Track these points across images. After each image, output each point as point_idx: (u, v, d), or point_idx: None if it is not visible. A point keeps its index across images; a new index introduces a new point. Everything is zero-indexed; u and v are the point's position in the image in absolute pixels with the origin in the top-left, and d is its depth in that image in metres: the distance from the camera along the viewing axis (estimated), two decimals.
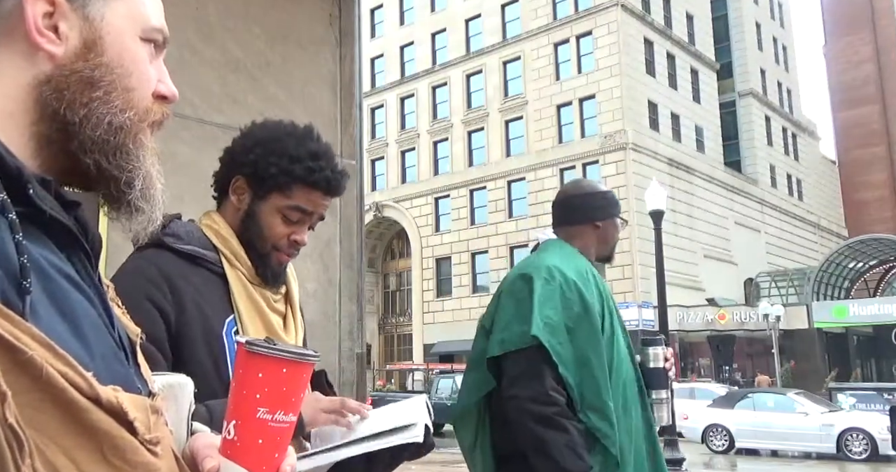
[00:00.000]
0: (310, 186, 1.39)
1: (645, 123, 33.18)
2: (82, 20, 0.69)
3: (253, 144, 1.42)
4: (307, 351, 0.74)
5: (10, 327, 0.52)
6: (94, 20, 0.70)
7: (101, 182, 0.71)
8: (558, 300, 2.08)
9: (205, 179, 1.56)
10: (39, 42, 0.66)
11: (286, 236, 1.42)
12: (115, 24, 0.71)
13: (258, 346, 0.71)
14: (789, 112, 46.39)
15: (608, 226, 2.33)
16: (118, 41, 0.71)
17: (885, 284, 36.66)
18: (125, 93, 0.70)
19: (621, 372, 2.12)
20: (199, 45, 2.49)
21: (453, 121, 37.62)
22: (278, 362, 0.71)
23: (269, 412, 0.71)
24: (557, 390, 2.00)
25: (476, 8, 37.70)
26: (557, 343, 2.03)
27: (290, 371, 0.72)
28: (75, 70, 0.68)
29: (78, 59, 0.68)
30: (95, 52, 0.69)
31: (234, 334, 1.35)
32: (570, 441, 1.94)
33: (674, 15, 37.23)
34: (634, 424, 2.12)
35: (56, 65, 0.67)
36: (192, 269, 1.37)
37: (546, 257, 2.22)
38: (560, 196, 2.41)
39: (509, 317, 2.11)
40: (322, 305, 2.67)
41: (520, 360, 2.04)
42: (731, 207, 37.67)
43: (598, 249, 2.34)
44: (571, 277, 2.12)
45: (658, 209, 12.98)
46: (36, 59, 0.66)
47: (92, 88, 0.68)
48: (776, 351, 27.59)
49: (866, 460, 14.82)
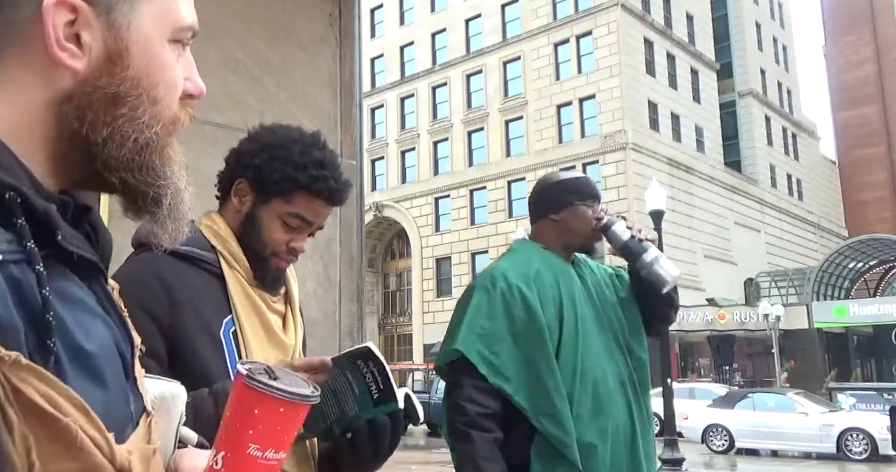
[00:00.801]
0: (312, 194, 1.39)
1: (645, 123, 33.18)
2: (106, 29, 0.61)
3: (259, 149, 1.41)
4: (306, 392, 0.71)
5: (48, 390, 0.50)
6: (120, 28, 0.62)
7: (127, 197, 0.66)
8: (498, 308, 2.04)
9: (204, 179, 1.56)
10: (60, 57, 0.59)
11: (285, 242, 1.41)
12: (141, 30, 0.64)
13: (258, 381, 0.69)
14: (789, 112, 46.39)
15: (567, 216, 2.19)
16: (145, 50, 0.64)
17: (885, 284, 36.67)
18: (152, 106, 0.64)
19: (590, 372, 2.05)
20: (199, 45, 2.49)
21: (453, 121, 37.62)
22: (276, 402, 0.69)
23: (260, 450, 0.69)
24: (474, 400, 1.96)
25: (476, 8, 37.70)
26: (490, 353, 2.00)
27: (287, 411, 0.70)
28: (99, 87, 0.61)
29: (102, 75, 0.61)
30: (121, 66, 0.62)
31: (231, 334, 1.35)
32: (473, 452, 1.91)
33: (674, 15, 37.24)
34: (613, 423, 2.04)
35: (77, 80, 0.61)
36: (190, 269, 1.37)
37: (500, 262, 2.21)
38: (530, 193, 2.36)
39: (449, 330, 2.13)
40: (322, 304, 2.67)
41: (449, 373, 2.08)
42: (731, 207, 37.68)
43: (564, 241, 2.21)
44: (514, 282, 2.06)
45: (658, 209, 12.99)
46: (55, 74, 0.60)
47: (116, 105, 0.62)
48: (776, 351, 27.59)
49: (866, 460, 14.83)
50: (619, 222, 2.18)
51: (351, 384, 1.28)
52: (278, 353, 1.41)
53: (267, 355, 1.38)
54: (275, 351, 1.40)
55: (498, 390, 1.99)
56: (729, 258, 36.63)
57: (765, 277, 36.56)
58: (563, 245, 2.22)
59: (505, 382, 1.99)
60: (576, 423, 1.99)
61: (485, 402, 1.97)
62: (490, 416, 1.97)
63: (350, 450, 1.33)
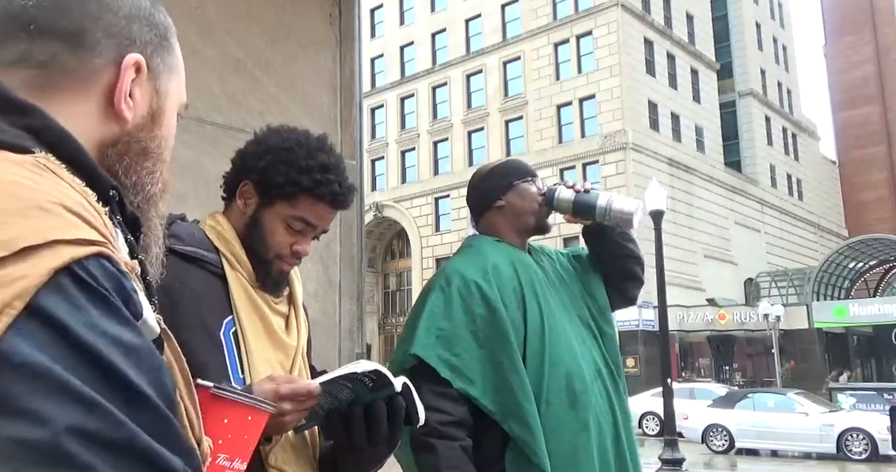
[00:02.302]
0: (316, 198, 1.39)
1: (645, 123, 33.18)
2: (154, 91, 0.72)
3: (264, 151, 1.41)
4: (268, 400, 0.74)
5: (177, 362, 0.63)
6: (163, 94, 0.73)
7: None
8: (456, 307, 1.90)
9: (205, 179, 1.56)
10: (122, 107, 0.68)
11: (288, 245, 1.41)
12: (172, 99, 0.75)
13: (228, 391, 0.70)
14: (789, 112, 46.39)
15: (511, 198, 2.07)
16: (171, 117, 0.75)
17: (885, 284, 36.66)
18: (162, 165, 0.74)
19: (561, 364, 1.91)
20: (199, 45, 2.49)
21: (453, 121, 37.62)
22: (246, 409, 0.70)
23: (229, 459, 0.69)
24: (434, 408, 1.78)
25: (476, 8, 37.70)
26: (452, 355, 1.86)
27: (254, 419, 0.70)
28: (139, 139, 0.70)
29: (143, 129, 0.71)
30: (157, 124, 0.72)
31: (232, 335, 1.35)
32: (436, 463, 1.76)
33: (674, 15, 37.23)
34: (594, 414, 1.91)
35: (124, 130, 0.69)
36: (192, 269, 1.36)
37: (453, 260, 2.08)
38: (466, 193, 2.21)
39: (403, 335, 1.98)
40: (322, 304, 2.67)
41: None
42: (731, 207, 37.67)
43: (516, 226, 2.08)
44: (471, 277, 1.93)
45: (658, 209, 12.98)
46: (108, 120, 0.68)
47: (146, 157, 0.71)
48: (776, 351, 27.59)
49: (866, 460, 14.83)
50: (561, 187, 2.08)
51: (348, 386, 1.28)
52: (280, 354, 1.41)
53: (268, 355, 1.38)
54: (276, 352, 1.40)
55: (463, 395, 1.84)
56: (729, 258, 36.63)
57: (765, 277, 36.55)
58: (517, 230, 2.09)
59: (469, 385, 1.84)
60: (552, 420, 1.86)
61: (448, 409, 1.81)
62: (455, 423, 1.81)
63: (348, 441, 1.32)
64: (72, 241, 0.51)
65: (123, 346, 0.51)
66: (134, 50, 0.69)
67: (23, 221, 0.50)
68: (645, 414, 19.98)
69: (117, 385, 0.49)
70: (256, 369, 1.33)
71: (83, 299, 0.50)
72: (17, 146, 0.56)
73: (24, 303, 0.47)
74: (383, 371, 1.25)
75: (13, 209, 0.50)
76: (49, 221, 0.51)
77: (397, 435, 1.34)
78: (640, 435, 19.57)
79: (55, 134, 0.60)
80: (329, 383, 1.25)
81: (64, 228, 0.52)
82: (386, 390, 1.27)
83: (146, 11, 0.71)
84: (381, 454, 1.37)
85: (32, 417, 0.44)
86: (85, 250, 0.52)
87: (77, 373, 0.47)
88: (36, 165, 0.56)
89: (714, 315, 31.14)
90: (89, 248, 0.52)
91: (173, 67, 0.75)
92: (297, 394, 1.20)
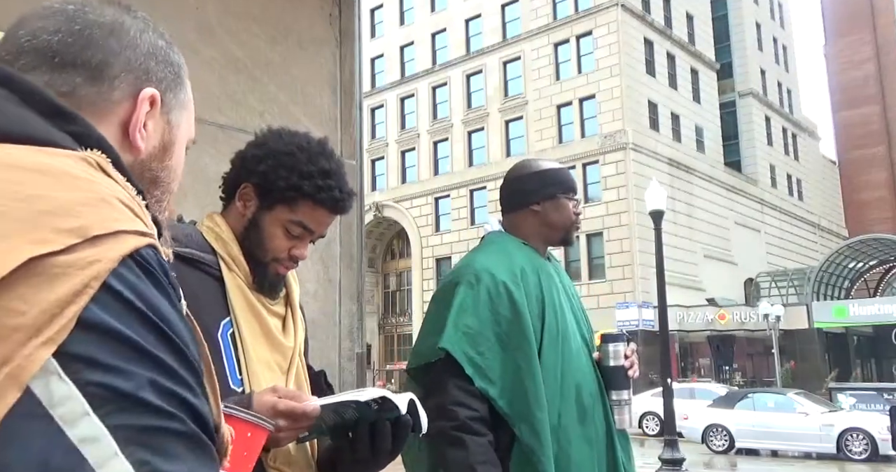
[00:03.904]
0: (316, 203, 1.39)
1: (645, 123, 33.18)
2: (166, 124, 0.76)
3: (265, 155, 1.41)
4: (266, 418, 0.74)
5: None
6: (174, 126, 0.78)
7: None
8: (483, 306, 1.91)
9: (205, 179, 1.56)
10: (136, 137, 0.72)
11: (286, 249, 1.41)
12: (181, 132, 0.79)
13: (228, 407, 0.70)
14: (789, 112, 46.39)
15: (549, 208, 2.07)
16: (180, 148, 0.79)
17: (885, 284, 36.67)
18: (170, 196, 0.79)
19: (574, 376, 1.94)
20: (199, 45, 2.49)
21: (453, 121, 37.62)
22: (245, 425, 0.70)
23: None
24: (462, 403, 1.83)
25: (476, 8, 37.70)
26: (476, 353, 1.87)
27: (254, 436, 0.71)
28: (150, 168, 0.75)
29: (154, 159, 0.75)
30: (168, 155, 0.77)
31: (229, 336, 1.34)
32: (467, 458, 1.78)
33: (674, 15, 37.23)
34: (595, 429, 1.94)
35: (137, 160, 0.73)
36: (189, 271, 1.36)
37: (478, 256, 2.06)
38: (503, 181, 2.19)
39: (428, 327, 1.99)
40: (322, 304, 2.67)
41: (430, 373, 1.94)
42: (731, 207, 37.67)
43: (544, 234, 2.09)
44: (501, 278, 1.94)
45: (658, 209, 12.98)
46: (123, 149, 0.71)
47: (156, 186, 0.76)
48: (776, 351, 27.59)
49: (866, 460, 14.83)
50: (621, 345, 2.04)
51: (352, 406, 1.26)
52: (277, 355, 1.41)
53: (266, 357, 1.38)
54: (273, 353, 1.40)
55: (482, 394, 1.86)
56: (729, 258, 36.63)
57: (765, 277, 36.56)
58: (543, 238, 2.10)
59: (490, 385, 1.86)
60: (562, 433, 1.88)
61: (475, 405, 1.84)
62: (481, 420, 1.84)
63: (350, 452, 1.32)
64: (131, 232, 0.59)
65: (175, 321, 0.59)
66: (150, 85, 0.74)
67: (90, 211, 0.57)
68: (645, 414, 19.98)
69: (175, 352, 0.57)
70: (254, 371, 1.33)
71: (146, 280, 0.58)
72: (67, 147, 0.62)
73: (100, 283, 0.54)
74: (389, 397, 1.24)
75: (80, 199, 0.57)
76: (112, 213, 0.58)
77: (400, 447, 1.33)
78: (640, 435, 19.58)
79: (96, 140, 0.65)
80: (330, 406, 1.24)
81: (124, 220, 0.59)
82: (392, 413, 1.26)
83: (163, 50, 0.77)
84: (383, 463, 1.37)
85: (121, 371, 0.53)
86: (143, 240, 0.59)
87: (148, 340, 0.56)
88: (86, 161, 0.62)
89: (714, 315, 31.14)
90: (145, 239, 0.60)
91: (185, 103, 0.80)
92: (294, 414, 1.19)
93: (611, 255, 31.18)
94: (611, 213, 31.45)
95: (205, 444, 0.57)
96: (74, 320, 0.52)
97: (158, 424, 0.54)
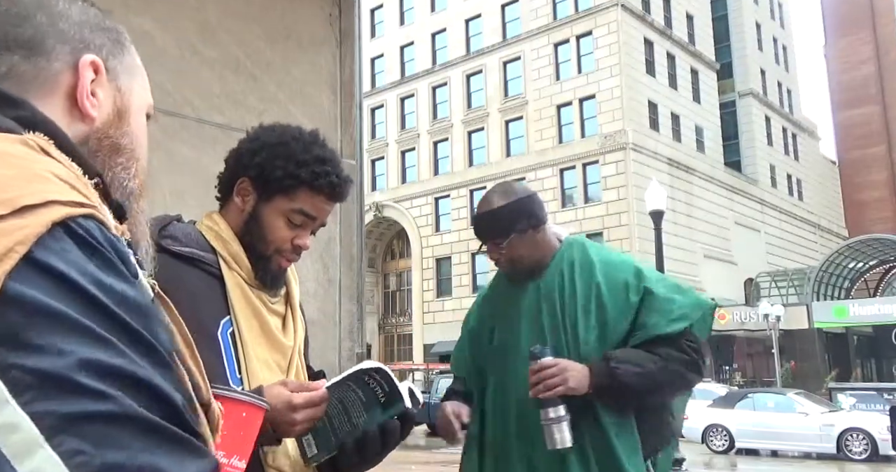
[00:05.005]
0: (314, 190, 1.40)
1: (645, 123, 33.18)
2: (116, 91, 0.76)
3: (260, 147, 1.42)
4: (261, 398, 0.75)
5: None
6: (125, 92, 0.77)
7: None
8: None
9: (205, 179, 1.57)
10: (86, 105, 0.72)
11: (289, 239, 1.42)
12: (136, 97, 0.79)
13: (220, 388, 0.71)
14: (789, 112, 46.39)
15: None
16: (138, 114, 0.79)
17: (885, 284, 36.66)
18: (136, 162, 0.78)
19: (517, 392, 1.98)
20: (199, 45, 2.49)
21: (453, 121, 37.62)
22: (239, 405, 0.70)
23: (226, 457, 0.70)
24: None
25: (476, 8, 37.69)
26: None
27: (249, 415, 0.71)
28: (108, 136, 0.74)
29: (111, 126, 0.75)
30: (124, 121, 0.76)
31: (229, 335, 1.35)
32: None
33: (674, 15, 37.23)
34: (535, 450, 1.93)
35: (92, 128, 0.73)
36: (189, 270, 1.36)
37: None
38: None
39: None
40: (322, 304, 2.67)
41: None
42: (731, 207, 37.68)
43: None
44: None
45: (658, 209, 12.99)
46: (75, 120, 0.72)
47: (118, 154, 0.75)
48: (776, 351, 27.59)
49: (866, 460, 14.83)
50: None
51: (358, 394, 1.29)
52: (277, 354, 1.41)
53: (265, 356, 1.38)
54: (273, 352, 1.40)
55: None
56: (729, 258, 36.63)
57: (765, 277, 36.56)
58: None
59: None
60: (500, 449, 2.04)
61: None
62: None
63: (357, 453, 1.33)
64: (66, 202, 0.57)
65: (116, 294, 0.55)
66: (88, 52, 0.73)
67: (22, 184, 0.56)
68: None
69: (117, 326, 0.54)
70: (253, 370, 1.33)
71: (78, 249, 0.55)
72: (11, 131, 0.62)
73: (25, 248, 0.51)
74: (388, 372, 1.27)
75: (12, 175, 0.56)
76: (46, 186, 0.57)
77: (403, 438, 1.38)
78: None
79: (41, 123, 0.65)
80: (336, 387, 1.27)
81: (59, 192, 0.57)
82: (398, 407, 1.29)
83: (96, 18, 0.76)
84: (384, 456, 1.38)
85: (48, 350, 0.49)
86: (79, 210, 0.57)
87: (83, 313, 0.52)
88: (25, 143, 0.61)
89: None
90: (82, 209, 0.58)
91: (132, 68, 0.79)
92: (313, 401, 1.24)
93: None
94: (611, 213, 31.45)
95: (157, 426, 0.52)
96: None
97: (94, 409, 0.49)
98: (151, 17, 2.28)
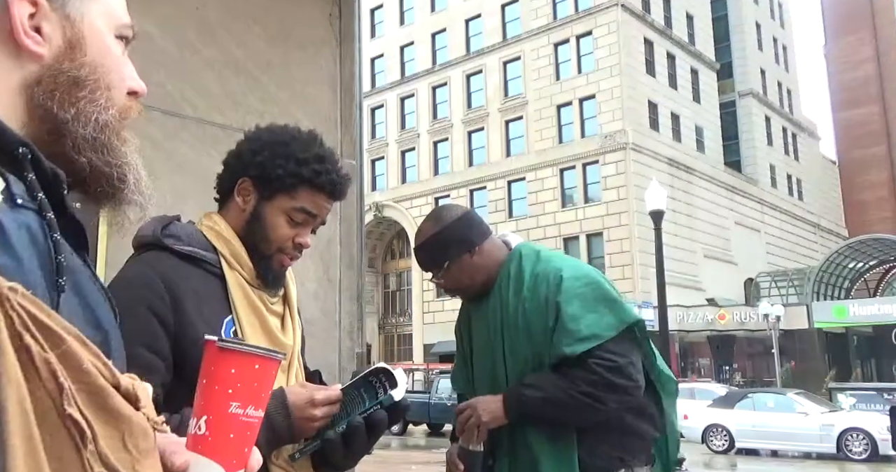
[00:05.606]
0: (315, 188, 1.42)
1: (645, 123, 33.18)
2: (64, 20, 0.70)
3: (260, 147, 1.43)
4: (275, 349, 0.78)
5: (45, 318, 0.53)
6: (76, 20, 0.71)
7: (94, 180, 0.73)
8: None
9: (206, 179, 1.57)
10: (26, 43, 0.67)
11: (291, 238, 1.43)
12: (94, 22, 0.73)
13: (231, 342, 0.74)
14: (789, 112, 46.39)
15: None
16: (98, 40, 0.73)
17: (885, 284, 36.65)
18: (107, 91, 0.73)
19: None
20: (199, 45, 2.49)
21: (453, 121, 37.62)
22: (251, 358, 0.74)
23: (241, 407, 0.73)
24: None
25: (476, 8, 37.69)
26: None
27: (262, 367, 0.74)
28: (62, 71, 0.70)
29: (64, 60, 0.70)
30: (80, 52, 0.71)
31: (232, 334, 1.36)
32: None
33: (674, 15, 37.23)
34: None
35: (43, 66, 0.69)
36: (192, 270, 1.37)
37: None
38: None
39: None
40: (322, 304, 2.68)
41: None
42: (731, 207, 37.67)
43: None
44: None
45: (658, 209, 12.99)
46: (22, 61, 0.68)
47: (79, 87, 0.70)
48: (776, 351, 27.59)
49: (866, 460, 14.82)
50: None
51: (362, 394, 1.33)
52: None
53: None
54: None
55: None
56: (729, 258, 36.63)
57: (765, 277, 36.56)
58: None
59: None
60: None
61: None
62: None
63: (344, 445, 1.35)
64: None
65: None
66: None
67: None
68: None
69: None
70: None
71: None
72: None
73: None
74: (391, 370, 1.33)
75: None
76: None
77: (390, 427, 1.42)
78: None
79: None
80: (348, 389, 1.33)
81: None
82: (387, 399, 1.32)
83: None
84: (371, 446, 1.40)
85: None
86: None
87: None
88: None
89: (714, 315, 31.14)
90: None
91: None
92: (331, 399, 1.30)
93: (611, 255, 31.17)
94: (611, 213, 31.45)
95: None
96: None
97: None
98: (152, 17, 2.29)
